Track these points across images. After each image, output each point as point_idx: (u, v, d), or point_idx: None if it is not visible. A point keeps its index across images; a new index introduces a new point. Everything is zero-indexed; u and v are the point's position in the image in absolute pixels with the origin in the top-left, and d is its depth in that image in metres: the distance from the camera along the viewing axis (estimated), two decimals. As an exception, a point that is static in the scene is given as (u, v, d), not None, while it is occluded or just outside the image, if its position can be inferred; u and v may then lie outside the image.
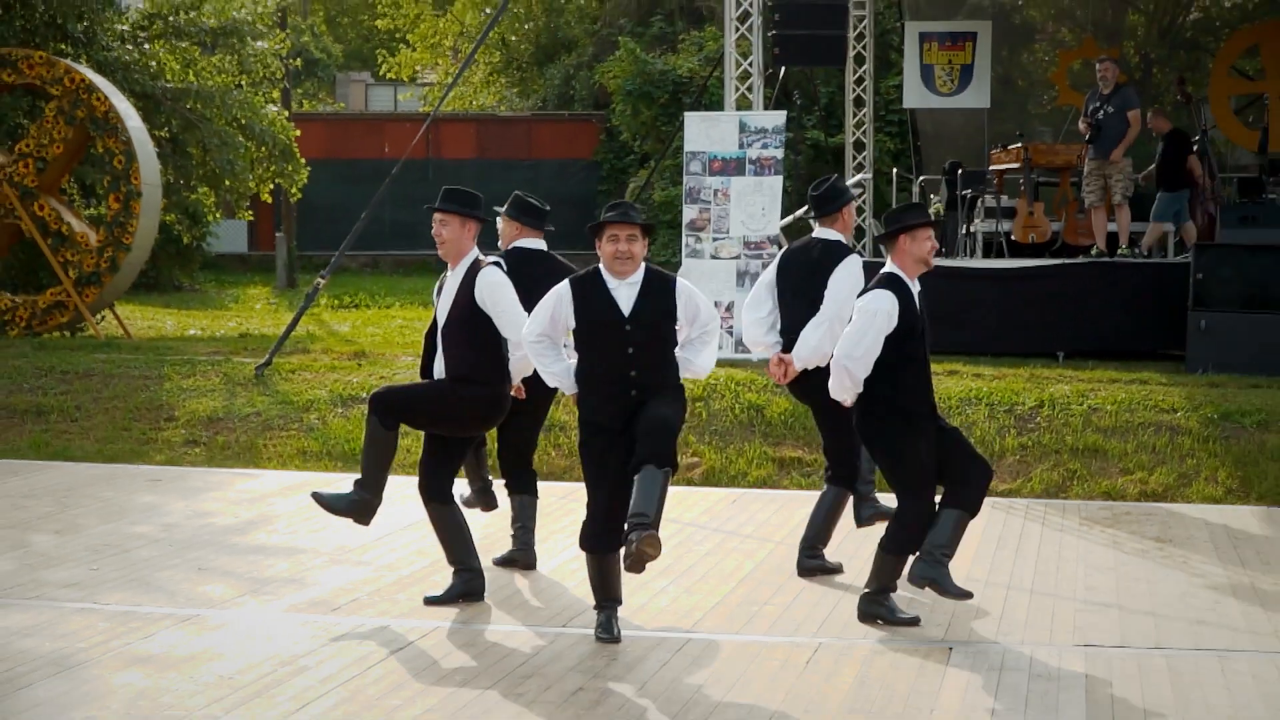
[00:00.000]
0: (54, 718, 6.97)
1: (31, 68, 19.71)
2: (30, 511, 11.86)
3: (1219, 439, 13.71)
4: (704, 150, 17.23)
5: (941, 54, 23.94)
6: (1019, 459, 13.65)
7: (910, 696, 7.53)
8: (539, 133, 37.56)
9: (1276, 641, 8.64)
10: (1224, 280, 16.22)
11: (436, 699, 7.34)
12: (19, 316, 19.56)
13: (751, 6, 17.54)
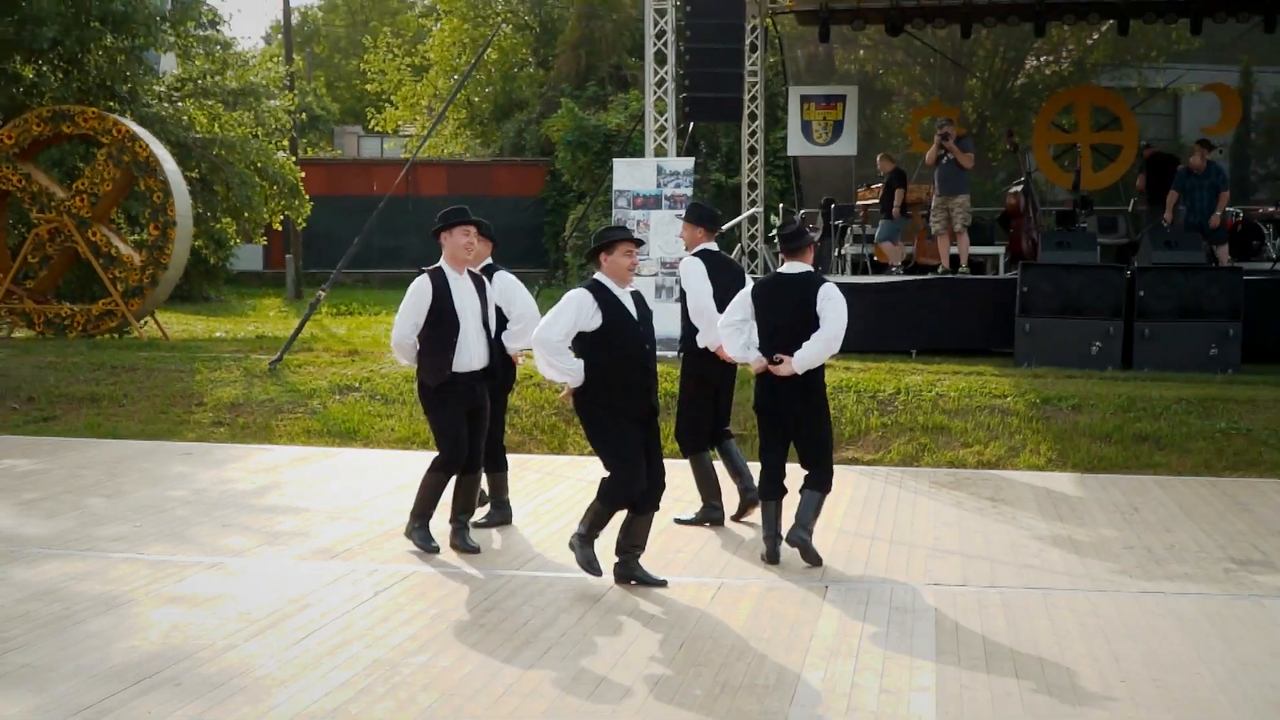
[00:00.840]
0: (104, 647, 6.91)
1: (86, 121, 19.52)
2: (85, 480, 11.72)
3: (1041, 419, 13.73)
4: (629, 189, 17.14)
5: (818, 112, 23.96)
6: (880, 435, 13.63)
7: (795, 626, 7.56)
8: (498, 174, 37.49)
9: (1089, 581, 8.67)
10: (1044, 292, 16.28)
11: (415, 628, 7.37)
12: (76, 321, 19.40)
13: (666, 74, 17.48)
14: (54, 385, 15.61)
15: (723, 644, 7.16)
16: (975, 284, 17.74)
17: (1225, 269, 17.21)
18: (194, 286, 27.72)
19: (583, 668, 6.69)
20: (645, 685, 6.43)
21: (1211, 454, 12.96)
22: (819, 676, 6.62)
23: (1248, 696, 6.41)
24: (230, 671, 6.54)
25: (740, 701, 6.23)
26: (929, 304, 17.14)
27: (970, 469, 12.90)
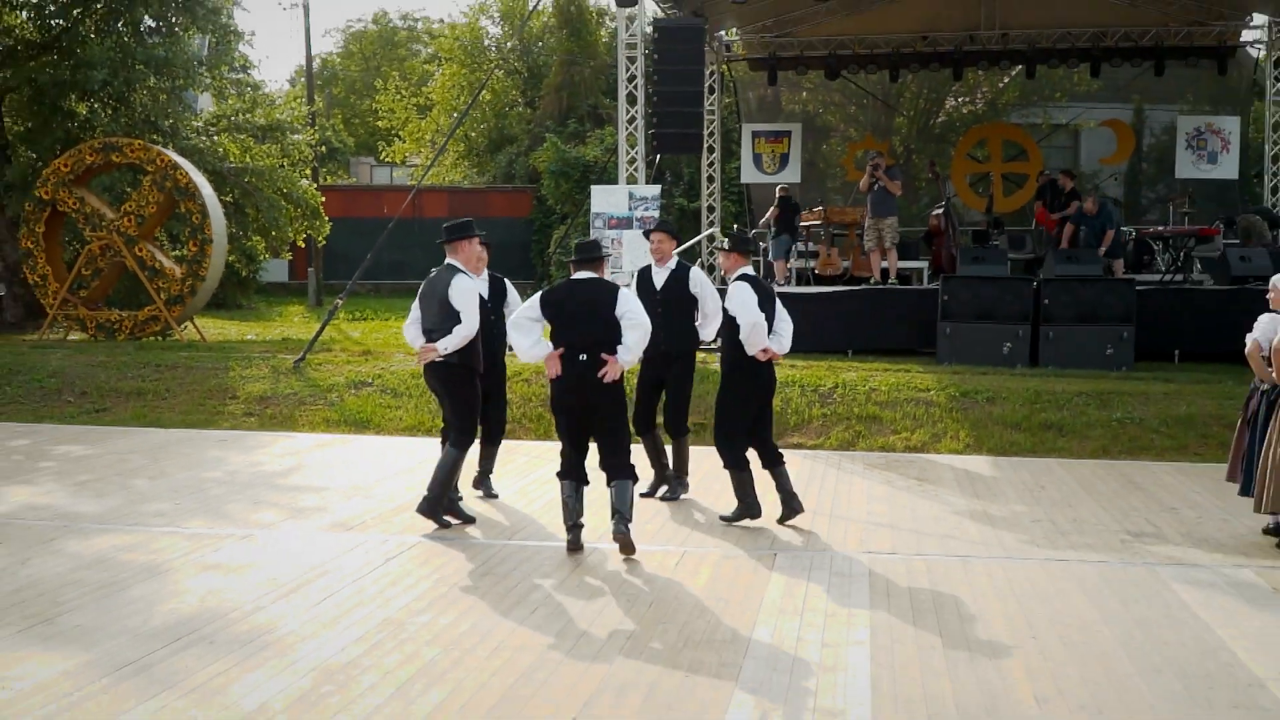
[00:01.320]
0: (146, 609, 6.88)
1: (133, 152, 19.45)
2: (131, 463, 11.66)
3: (959, 409, 13.75)
4: (604, 211, 17.16)
5: (767, 146, 24.04)
6: (821, 423, 13.63)
7: (748, 589, 7.56)
8: (492, 199, 37.47)
9: (1002, 550, 8.68)
10: (962, 301, 16.31)
11: (420, 591, 7.36)
12: (124, 325, 19.33)
13: (636, 113, 17.48)
14: (105, 381, 15.53)
15: (685, 604, 7.16)
16: (903, 293, 17.78)
17: (1120, 280, 17.29)
18: (228, 295, 27.60)
19: (565, 625, 6.69)
20: (619, 640, 6.43)
21: (1108, 440, 13.00)
22: (768, 632, 6.62)
23: (1143, 651, 6.43)
24: (258, 630, 6.53)
25: (701, 654, 6.22)
26: (863, 310, 17.16)
27: (899, 453, 12.91)
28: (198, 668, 5.90)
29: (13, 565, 7.80)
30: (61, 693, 5.54)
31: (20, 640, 6.29)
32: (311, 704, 5.47)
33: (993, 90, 29.16)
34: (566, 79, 37.80)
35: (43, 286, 19.62)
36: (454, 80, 41.97)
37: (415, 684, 5.75)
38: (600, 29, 37.73)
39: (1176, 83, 23.38)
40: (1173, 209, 21.95)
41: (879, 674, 6.00)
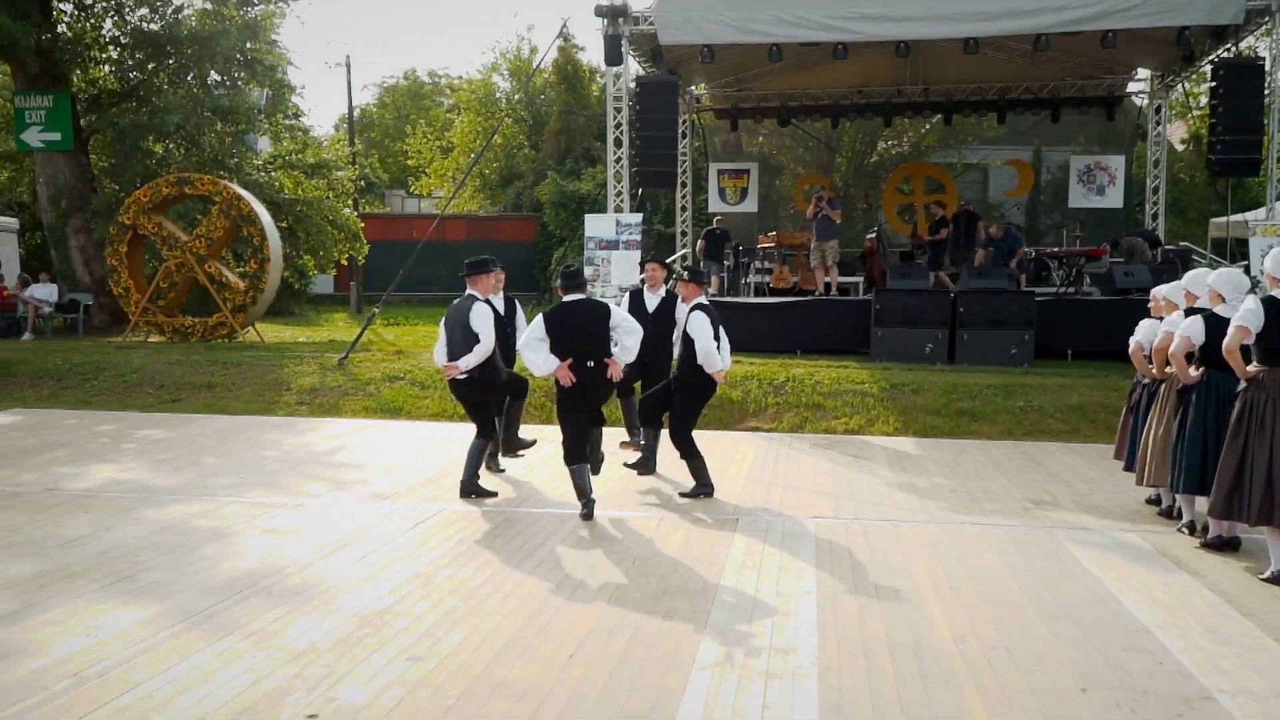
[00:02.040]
0: (214, 567, 6.88)
1: (203, 185, 19.38)
2: (201, 444, 11.61)
3: (889, 399, 13.76)
4: (596, 235, 17.17)
5: (730, 181, 24.08)
6: (775, 410, 13.64)
7: (714, 547, 7.56)
8: (502, 225, 37.41)
9: (925, 515, 8.69)
10: (891, 309, 16.32)
11: (444, 550, 7.34)
12: (196, 330, 19.26)
13: (622, 154, 17.49)
14: (179, 376, 15.47)
15: (663, 561, 7.15)
16: (842, 303, 17.78)
17: (1022, 292, 17.32)
18: (283, 304, 27.48)
19: (564, 577, 6.67)
20: (608, 590, 6.42)
21: (1013, 424, 13.03)
22: (732, 584, 6.62)
23: (1043, 600, 6.44)
24: (308, 583, 6.51)
25: (676, 602, 6.22)
26: (809, 317, 17.16)
27: (839, 435, 12.93)
28: (257, 615, 5.88)
29: (98, 531, 7.76)
30: (139, 638, 5.52)
31: (104, 594, 6.26)
32: (352, 644, 5.46)
33: (916, 135, 29.24)
34: (564, 125, 37.78)
35: (126, 297, 19.57)
36: (471, 127, 41.96)
37: (440, 627, 5.74)
38: (592, 84, 37.67)
39: (1070, 127, 23.45)
40: (1066, 233, 22.04)
41: (824, 618, 6.00)
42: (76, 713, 4.58)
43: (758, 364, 15.13)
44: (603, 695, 4.86)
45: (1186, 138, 33.35)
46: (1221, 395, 7.52)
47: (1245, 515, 6.79)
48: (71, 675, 4.99)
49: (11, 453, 10.92)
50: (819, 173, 26.44)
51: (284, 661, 5.21)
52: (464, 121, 43.02)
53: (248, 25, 22.69)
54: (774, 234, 21.08)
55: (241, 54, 22.61)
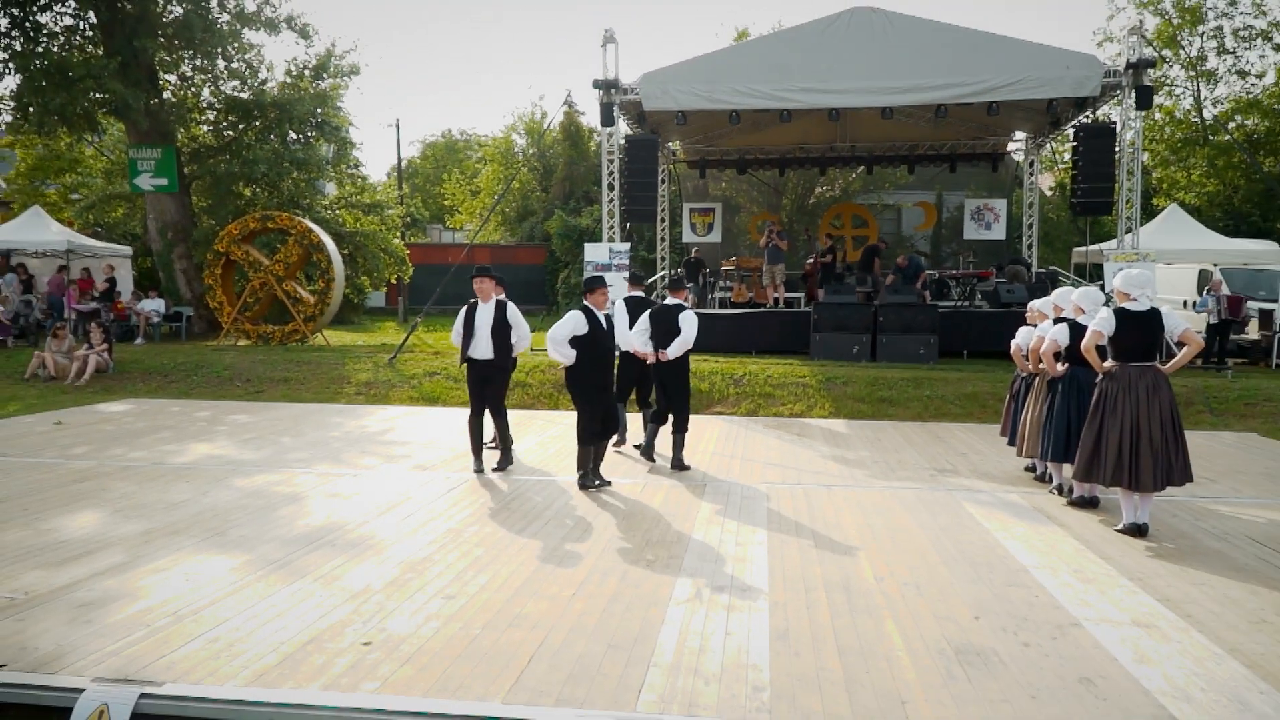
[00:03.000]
0: (290, 523, 6.80)
1: (282, 220, 19.24)
2: (279, 426, 11.50)
3: (825, 389, 13.73)
4: (593, 260, 17.06)
5: (699, 217, 23.99)
6: (735, 398, 13.60)
7: (687, 507, 7.50)
8: (519, 252, 37.26)
9: (853, 481, 8.65)
10: (826, 318, 16.30)
11: (472, 510, 7.25)
12: (276, 335, 19.11)
13: (614, 196, 17.39)
14: (262, 372, 15.33)
15: (646, 517, 7.10)
16: (788, 313, 17.74)
17: (928, 305, 17.30)
18: (344, 315, 27.30)
19: (567, 532, 6.62)
20: (602, 541, 6.37)
21: (922, 409, 13.01)
22: (700, 537, 6.57)
23: (945, 547, 6.41)
24: (364, 537, 6.44)
25: (657, 551, 6.17)
26: (762, 324, 17.12)
27: (786, 418, 12.90)
28: (323, 562, 5.81)
29: (196, 496, 7.67)
30: (229, 581, 5.44)
31: (201, 546, 6.18)
32: (399, 585, 5.39)
33: (845, 181, 29.16)
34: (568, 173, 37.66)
35: (219, 310, 19.39)
36: (494, 174, 41.82)
37: (468, 572, 5.68)
38: (591, 141, 37.53)
39: (964, 176, 23.44)
40: (962, 259, 22.01)
41: (773, 562, 5.96)
42: (173, 644, 4.51)
43: (721, 362, 15.08)
44: (598, 626, 4.81)
45: (1054, 185, 33.43)
46: (1081, 385, 7.54)
47: (1102, 479, 6.78)
48: (171, 614, 4.91)
49: (125, 434, 10.81)
50: (770, 211, 26.37)
51: (344, 600, 5.15)
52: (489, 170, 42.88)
53: (319, 95, 22.58)
54: (734, 259, 21.05)
55: (313, 117, 22.50)
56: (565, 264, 33.93)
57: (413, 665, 4.29)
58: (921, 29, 15.66)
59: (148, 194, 21.39)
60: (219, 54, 21.31)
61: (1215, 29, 30.93)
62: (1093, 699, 4.04)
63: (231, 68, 21.69)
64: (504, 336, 8.72)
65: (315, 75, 22.90)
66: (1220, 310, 16.59)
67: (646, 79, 16.34)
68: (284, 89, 22.44)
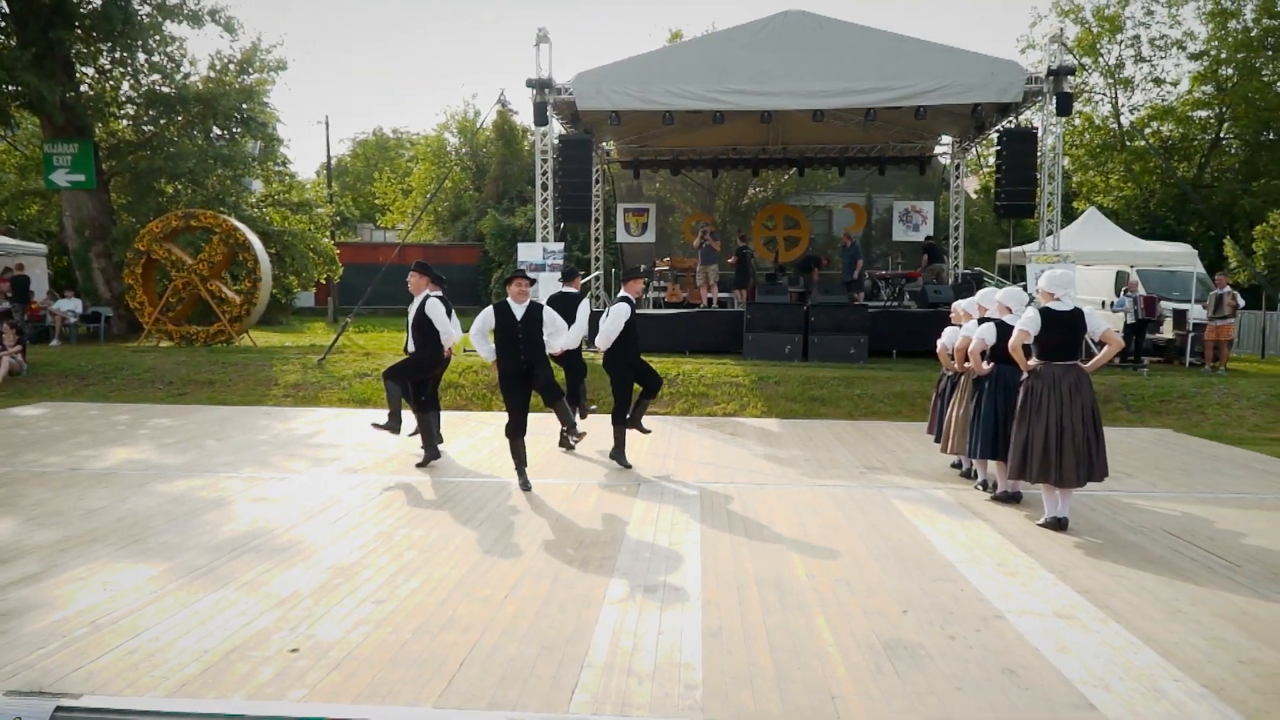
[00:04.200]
0: (214, 529, 6.62)
1: (206, 219, 18.77)
2: (204, 430, 11.23)
3: (758, 388, 13.84)
4: (527, 260, 16.96)
5: (633, 218, 24.00)
6: (670, 398, 13.64)
7: (621, 507, 7.49)
8: (452, 252, 36.93)
9: (785, 479, 8.73)
10: (759, 318, 16.45)
11: (403, 513, 7.16)
12: (200, 336, 18.67)
13: (548, 195, 17.32)
14: (185, 374, 14.94)
15: (580, 518, 7.08)
16: (722, 314, 17.85)
17: (858, 305, 17.55)
18: (272, 315, 26.74)
19: (500, 533, 6.57)
20: (536, 542, 6.33)
21: (853, 407, 13.20)
22: (635, 536, 6.58)
23: (874, 543, 6.51)
24: (291, 542, 6.31)
25: (590, 551, 6.15)
26: (697, 324, 17.20)
27: (719, 417, 12.97)
28: (248, 569, 5.68)
29: (115, 502, 7.45)
30: (148, 591, 5.29)
31: (119, 555, 6.00)
32: (328, 590, 5.30)
33: (778, 183, 29.46)
34: (502, 173, 37.47)
35: (140, 310, 18.86)
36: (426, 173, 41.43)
37: (399, 576, 5.60)
38: (524, 140, 37.37)
39: (893, 179, 23.82)
40: (891, 260, 22.42)
41: (706, 561, 5.99)
42: (91, 655, 4.37)
43: (655, 361, 15.07)
44: (532, 627, 4.79)
45: (979, 188, 34.22)
46: (1007, 383, 7.69)
47: (1027, 475, 6.95)
48: (88, 624, 4.76)
49: (40, 439, 10.45)
50: (703, 212, 26.49)
51: (270, 606, 5.04)
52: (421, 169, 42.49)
53: (244, 90, 22.10)
54: (668, 260, 21.11)
55: (239, 112, 22.02)
56: (499, 264, 33.75)
57: (341, 671, 4.22)
58: (852, 34, 15.89)
59: (64, 190, 20.73)
60: (139, 46, 20.76)
61: (1133, 38, 31.97)
62: (1016, 689, 4.14)
63: (153, 61, 21.15)
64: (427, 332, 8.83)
65: (241, 70, 22.39)
66: (1137, 310, 17.12)
67: (580, 79, 16.32)
68: (208, 83, 21.91)
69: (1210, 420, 12.81)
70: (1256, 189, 29.73)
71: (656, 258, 22.40)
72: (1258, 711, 3.95)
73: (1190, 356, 17.67)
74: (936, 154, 23.20)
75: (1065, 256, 16.37)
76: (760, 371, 14.68)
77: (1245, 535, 6.87)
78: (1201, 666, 4.41)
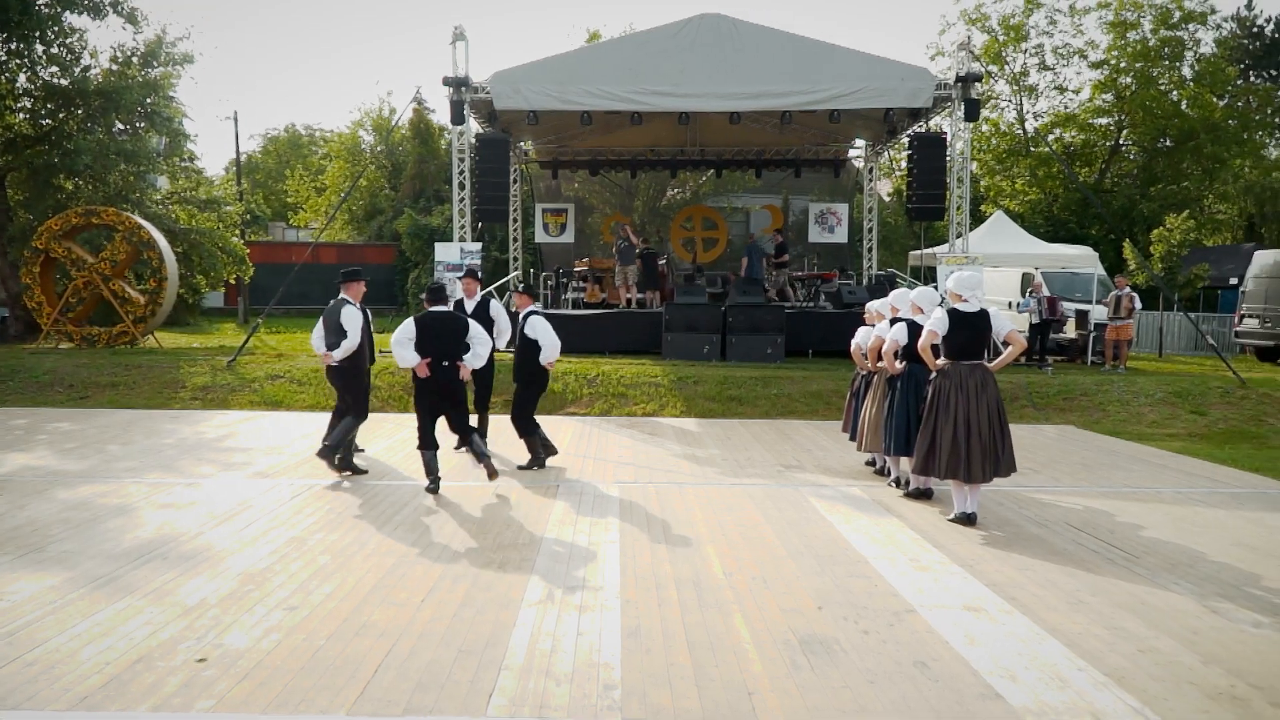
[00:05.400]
0: (117, 538, 6.40)
1: (108, 216, 18.13)
2: (106, 434, 10.83)
3: (677, 388, 13.92)
4: (444, 260, 16.77)
5: (552, 218, 23.92)
6: (588, 398, 13.63)
7: (540, 509, 7.47)
8: (368, 252, 36.29)
9: (703, 478, 8.79)
10: (678, 319, 16.53)
11: (317, 517, 7.01)
12: (102, 338, 17.99)
13: (465, 195, 17.15)
14: (86, 377, 14.40)
15: (498, 521, 7.02)
16: (641, 314, 17.90)
17: (775, 305, 17.77)
18: (179, 316, 25.97)
19: (417, 537, 6.48)
20: (453, 546, 6.27)
21: (770, 406, 13.35)
22: (553, 538, 6.55)
23: (791, 540, 6.60)
24: (200, 549, 6.13)
25: (508, 554, 6.11)
26: (616, 325, 17.21)
27: (638, 417, 13.01)
28: (154, 577, 5.50)
29: (12, 509, 7.14)
30: (48, 600, 5.09)
31: (17, 564, 5.75)
32: (237, 598, 5.16)
33: (696, 184, 29.70)
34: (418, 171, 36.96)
35: (39, 310, 18.13)
36: (341, 171, 40.66)
37: (312, 581, 5.49)
38: (441, 139, 36.90)
39: (808, 181, 24.19)
40: (807, 262, 22.76)
41: (625, 561, 6.00)
42: (-12, 667, 4.19)
43: (575, 362, 15.07)
44: (449, 631, 4.73)
45: (891, 191, 34.97)
46: (919, 382, 7.86)
47: (937, 472, 7.12)
48: (-16, 635, 4.56)
49: (-67, 444, 9.98)
50: (622, 212, 26.55)
51: (177, 615, 4.89)
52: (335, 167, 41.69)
53: (148, 83, 21.35)
54: (587, 260, 21.08)
55: (142, 107, 21.26)
56: (416, 264, 33.28)
57: (251, 680, 4.11)
58: (767, 38, 16.09)
59: (-45, 185, 19.81)
60: (37, 38, 19.90)
61: (1037, 46, 33.00)
62: (926, 681, 4.23)
63: (51, 53, 20.29)
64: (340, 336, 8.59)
65: (144, 63, 21.64)
66: (1041, 311, 17.68)
67: (497, 78, 16.20)
68: (109, 76, 21.14)
69: (1111, 417, 13.30)
70: (1154, 194, 30.99)
71: (576, 258, 22.37)
72: (1156, 699, 4.11)
73: (1092, 355, 18.32)
74: (850, 157, 23.64)
75: (973, 258, 16.83)
76: (679, 371, 14.76)
77: (1143, 528, 7.15)
78: (1103, 655, 4.58)
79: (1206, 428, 12.83)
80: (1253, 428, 12.86)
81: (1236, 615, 5.18)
